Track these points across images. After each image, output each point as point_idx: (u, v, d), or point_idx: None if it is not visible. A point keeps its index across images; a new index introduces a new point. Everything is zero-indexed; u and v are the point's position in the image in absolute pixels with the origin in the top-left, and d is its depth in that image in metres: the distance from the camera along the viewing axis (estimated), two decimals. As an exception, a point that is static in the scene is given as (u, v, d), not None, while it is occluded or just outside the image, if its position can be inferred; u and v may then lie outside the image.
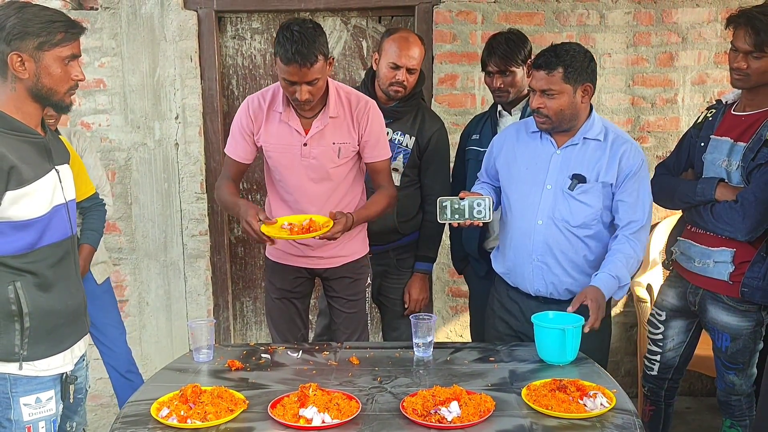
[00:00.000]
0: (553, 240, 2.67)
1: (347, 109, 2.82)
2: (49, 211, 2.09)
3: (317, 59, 2.57)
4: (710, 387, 4.09)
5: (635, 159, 2.63)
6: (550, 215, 2.66)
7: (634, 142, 2.70)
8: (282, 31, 2.58)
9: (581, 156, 2.66)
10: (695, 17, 3.93)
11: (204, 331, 2.54)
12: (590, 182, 2.63)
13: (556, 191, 2.66)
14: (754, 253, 2.61)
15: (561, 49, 2.59)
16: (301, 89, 2.62)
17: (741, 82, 2.61)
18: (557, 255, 2.67)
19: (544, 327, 2.45)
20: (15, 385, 2.07)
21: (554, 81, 2.57)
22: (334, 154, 2.81)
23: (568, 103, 2.59)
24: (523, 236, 2.72)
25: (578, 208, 2.64)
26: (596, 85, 2.68)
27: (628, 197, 2.62)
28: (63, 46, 2.04)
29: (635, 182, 2.62)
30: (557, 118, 2.62)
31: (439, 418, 2.00)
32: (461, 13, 3.93)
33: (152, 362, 4.17)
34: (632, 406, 2.13)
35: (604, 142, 2.65)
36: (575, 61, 2.56)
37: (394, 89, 3.08)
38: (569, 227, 2.65)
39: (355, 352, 2.59)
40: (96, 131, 4.05)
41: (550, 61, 2.57)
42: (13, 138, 2.03)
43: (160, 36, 3.98)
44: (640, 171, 2.63)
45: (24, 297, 2.04)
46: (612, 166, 2.62)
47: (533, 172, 2.72)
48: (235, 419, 2.06)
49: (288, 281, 3.03)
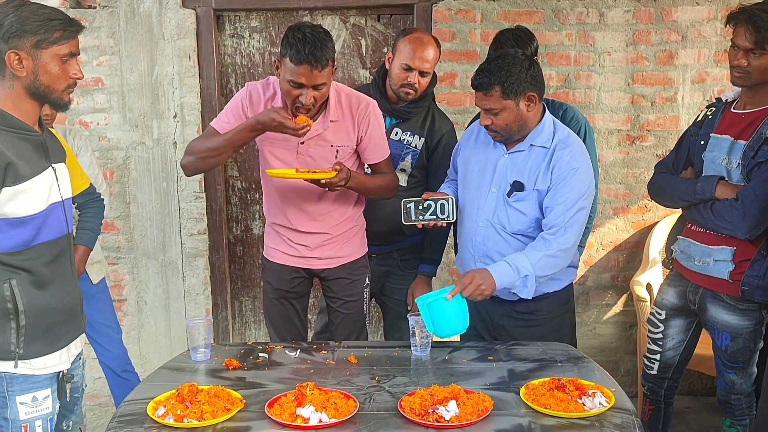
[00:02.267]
0: (492, 242, 2.69)
1: (347, 111, 2.80)
2: (45, 209, 2.08)
3: (327, 63, 2.56)
4: (710, 386, 4.08)
5: (568, 165, 2.57)
6: (489, 218, 2.68)
7: (576, 146, 2.62)
8: (293, 32, 2.56)
9: (525, 163, 2.65)
10: (695, 15, 3.92)
11: (201, 330, 2.53)
12: (527, 190, 2.62)
13: (498, 195, 2.67)
14: (754, 251, 2.60)
15: (494, 65, 2.54)
16: (307, 93, 2.59)
17: (741, 79, 2.60)
18: (495, 257, 2.66)
19: (422, 306, 2.47)
20: (11, 384, 2.07)
21: (493, 100, 2.55)
22: (332, 156, 2.80)
23: (514, 117, 2.57)
24: (467, 237, 2.76)
25: (514, 215, 2.64)
26: (593, 82, 2.66)
27: (551, 202, 2.58)
28: (61, 44, 2.04)
29: (562, 187, 2.56)
30: (506, 132, 2.61)
31: (437, 418, 2.00)
32: (460, 11, 3.92)
33: (151, 361, 4.17)
34: (631, 405, 2.13)
35: (549, 149, 2.62)
36: (510, 76, 2.52)
37: (405, 91, 3.04)
38: (506, 232, 2.67)
39: (353, 352, 2.58)
40: (94, 130, 4.05)
41: (484, 82, 2.54)
42: (10, 135, 2.03)
43: (159, 34, 3.98)
44: (569, 176, 2.56)
45: (19, 295, 2.04)
46: (546, 173, 2.60)
47: (482, 174, 2.74)
48: (231, 418, 2.06)
49: (286, 281, 3.01)
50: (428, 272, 3.30)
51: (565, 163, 2.58)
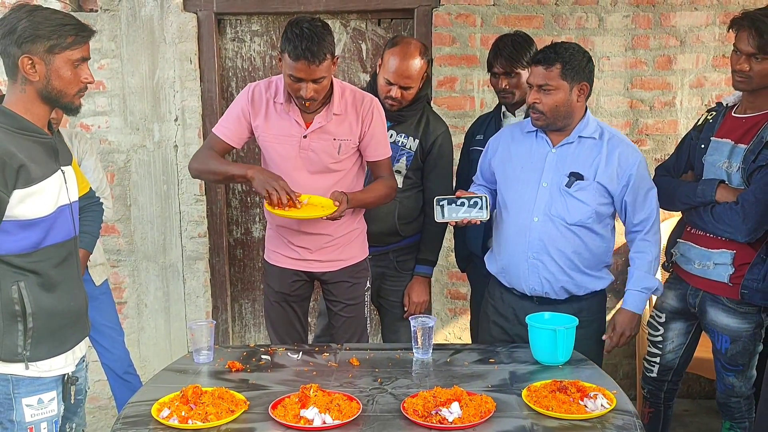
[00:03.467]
0: (549, 237, 2.68)
1: (351, 106, 2.82)
2: (54, 211, 2.09)
3: (325, 57, 2.59)
4: (709, 389, 4.09)
5: (634, 158, 2.67)
6: (546, 212, 2.68)
7: (630, 141, 2.75)
8: (291, 28, 2.59)
9: (577, 154, 2.68)
10: (693, 20, 3.94)
11: (204, 332, 2.54)
12: (588, 180, 2.65)
13: (552, 189, 2.68)
14: (754, 254, 2.61)
15: (560, 47, 2.63)
16: (307, 86, 2.63)
17: (743, 84, 2.62)
18: (552, 252, 2.68)
19: (537, 327, 2.48)
20: (17, 386, 2.07)
21: (551, 76, 2.60)
22: (335, 150, 2.81)
23: (564, 100, 2.62)
24: (519, 234, 2.73)
25: (575, 205, 2.66)
26: (593, 87, 2.70)
27: (634, 196, 2.67)
28: (73, 49, 2.06)
29: (638, 180, 2.66)
30: (552, 114, 2.64)
31: (440, 419, 2.01)
32: (460, 15, 3.94)
33: (151, 364, 4.17)
34: (632, 407, 2.14)
35: (599, 140, 2.68)
36: (574, 59, 2.60)
37: (389, 103, 3.07)
38: (565, 224, 2.67)
39: (355, 354, 2.59)
40: (95, 133, 4.05)
41: (548, 57, 2.61)
42: (22, 137, 2.04)
43: (160, 38, 3.99)
44: (640, 169, 2.67)
45: (28, 297, 2.04)
46: (610, 166, 2.65)
47: (528, 170, 2.74)
48: (236, 420, 2.07)
49: (286, 284, 3.01)
50: (424, 273, 3.30)
51: (631, 155, 2.67)
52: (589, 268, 2.72)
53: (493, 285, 2.93)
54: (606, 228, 2.74)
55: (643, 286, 2.71)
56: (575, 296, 2.74)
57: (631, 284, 2.73)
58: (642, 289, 2.71)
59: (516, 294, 2.81)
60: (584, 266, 2.71)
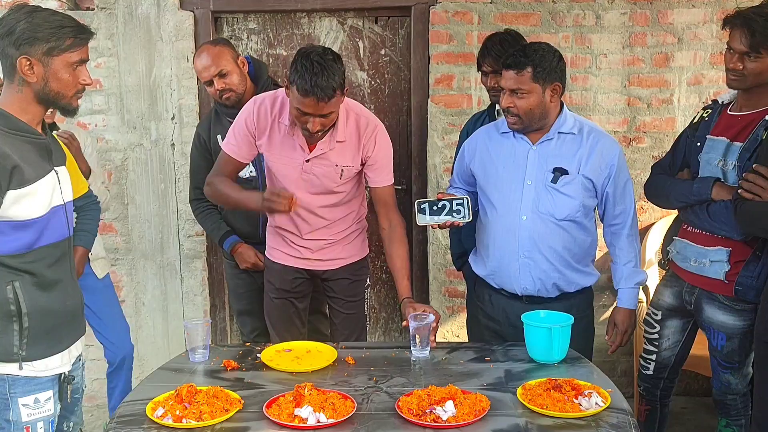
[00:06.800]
0: (539, 234, 2.69)
1: (354, 132, 2.78)
2: (48, 212, 2.09)
3: (334, 94, 2.52)
4: (706, 387, 4.09)
5: (614, 149, 2.71)
6: (534, 209, 2.68)
7: (608, 134, 2.79)
8: (301, 60, 2.51)
9: (558, 149, 2.69)
10: (691, 18, 3.93)
11: (200, 331, 2.54)
12: (572, 174, 2.67)
13: (537, 186, 2.68)
14: (749, 252, 2.61)
15: (530, 49, 2.62)
16: (313, 121, 2.58)
17: (737, 82, 2.61)
18: (543, 249, 2.69)
19: (533, 326, 2.48)
20: (13, 386, 2.08)
21: (523, 81, 2.58)
22: (336, 176, 2.80)
23: (538, 102, 2.61)
24: (508, 234, 2.73)
25: (562, 200, 2.67)
26: (590, 84, 2.70)
27: (614, 187, 2.71)
28: (72, 51, 2.05)
29: (618, 171, 2.70)
30: (527, 117, 2.64)
31: (434, 418, 2.01)
32: (457, 13, 3.93)
33: (148, 363, 4.17)
34: (627, 405, 2.14)
35: (578, 135, 2.70)
36: (544, 61, 2.58)
37: (225, 97, 3.17)
38: (554, 220, 2.68)
39: (350, 352, 2.59)
40: (92, 131, 4.04)
41: (519, 61, 2.59)
42: (16, 138, 2.03)
43: (157, 36, 3.98)
44: (620, 160, 2.72)
45: (23, 297, 2.05)
46: (593, 159, 2.67)
47: (511, 169, 2.73)
48: (230, 419, 2.07)
49: (288, 282, 3.03)
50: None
51: (610, 148, 2.71)
52: (578, 263, 2.75)
53: (480, 287, 2.92)
54: (591, 221, 2.78)
55: (635, 282, 2.79)
56: (565, 294, 2.76)
57: (623, 282, 2.79)
58: (635, 285, 2.79)
59: (505, 294, 2.81)
60: (574, 261, 2.74)
